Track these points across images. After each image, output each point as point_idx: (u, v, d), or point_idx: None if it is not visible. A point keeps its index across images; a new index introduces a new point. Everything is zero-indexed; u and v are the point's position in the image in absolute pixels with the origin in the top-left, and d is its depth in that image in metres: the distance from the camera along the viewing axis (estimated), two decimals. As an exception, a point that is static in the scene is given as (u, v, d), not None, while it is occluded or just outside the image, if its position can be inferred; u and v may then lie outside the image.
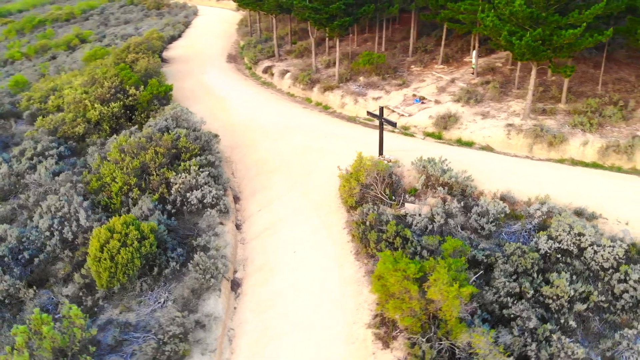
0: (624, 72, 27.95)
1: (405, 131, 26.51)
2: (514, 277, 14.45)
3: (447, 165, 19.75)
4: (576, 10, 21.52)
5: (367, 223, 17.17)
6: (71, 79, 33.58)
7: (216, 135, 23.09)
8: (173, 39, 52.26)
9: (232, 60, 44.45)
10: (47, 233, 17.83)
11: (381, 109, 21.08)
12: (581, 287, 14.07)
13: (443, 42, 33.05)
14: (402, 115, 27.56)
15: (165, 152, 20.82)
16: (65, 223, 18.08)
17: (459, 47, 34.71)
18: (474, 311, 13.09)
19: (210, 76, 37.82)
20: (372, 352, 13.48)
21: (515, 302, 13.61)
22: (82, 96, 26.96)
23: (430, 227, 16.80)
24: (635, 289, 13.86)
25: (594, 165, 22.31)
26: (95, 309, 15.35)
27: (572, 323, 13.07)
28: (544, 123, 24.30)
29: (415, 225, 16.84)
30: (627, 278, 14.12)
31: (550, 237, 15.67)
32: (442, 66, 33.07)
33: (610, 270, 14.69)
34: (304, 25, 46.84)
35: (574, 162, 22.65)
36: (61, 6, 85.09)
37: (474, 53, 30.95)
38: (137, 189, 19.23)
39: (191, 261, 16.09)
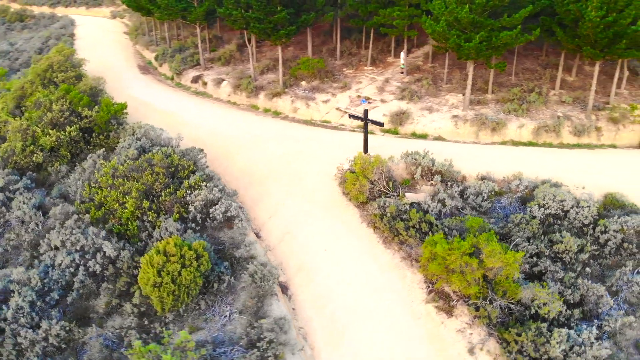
0: (528, 63, 33.28)
1: (362, 129, 28.76)
2: (530, 241, 17.47)
3: (431, 156, 22.41)
4: (505, 14, 25.57)
5: (389, 214, 19.12)
6: (-15, 105, 30.29)
7: (201, 150, 23.14)
8: (67, 52, 48.45)
9: (146, 72, 43.00)
10: (72, 269, 16.96)
11: (365, 111, 23.08)
12: (577, 241, 17.54)
13: (371, 45, 35.94)
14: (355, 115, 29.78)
15: (165, 171, 20.59)
16: (87, 256, 17.33)
17: (380, 49, 37.88)
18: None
19: (138, 90, 36.47)
20: (440, 322, 15.53)
21: (539, 260, 16.62)
22: (28, 123, 24.92)
23: (443, 210, 19.26)
24: (615, 237, 17.65)
25: (530, 144, 26.72)
26: (160, 335, 15.26)
27: (588, 269, 16.44)
28: (482, 112, 28.26)
29: (432, 211, 19.17)
30: (607, 229, 17.87)
31: (540, 206, 19.02)
32: (371, 68, 35.95)
33: (591, 226, 18.41)
34: (215, 32, 46.91)
35: (514, 143, 26.87)
36: None
37: (402, 54, 34.29)
38: (152, 212, 18.93)
39: (245, 272, 16.67)
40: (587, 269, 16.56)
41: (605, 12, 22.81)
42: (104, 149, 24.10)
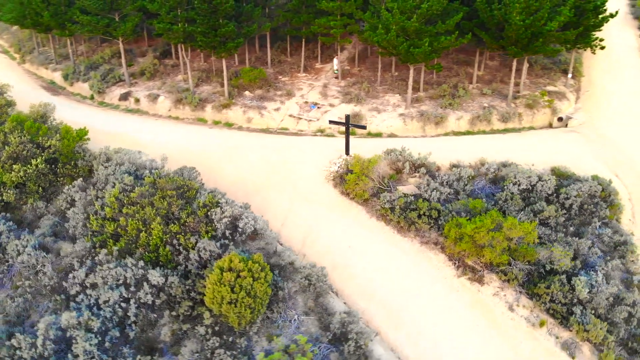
0: (444, 62, 37.69)
1: (323, 133, 30.65)
2: (520, 213, 20.97)
3: (408, 151, 25.11)
4: (439, 21, 29.19)
5: (397, 207, 21.38)
6: None
7: (194, 168, 23.12)
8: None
9: (56, 93, 39.77)
10: (122, 304, 16.50)
11: (347, 117, 25.00)
12: (552, 208, 21.49)
13: (303, 53, 37.71)
14: (311, 120, 31.51)
15: (175, 193, 20.50)
16: (131, 289, 16.96)
17: (306, 56, 39.77)
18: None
19: (63, 114, 33.64)
20: (476, 290, 18.26)
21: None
22: (-18, 159, 22.61)
23: (440, 197, 22.02)
24: (576, 201, 21.93)
25: (468, 133, 30.87)
26: (246, 348, 15.82)
27: (571, 229, 20.37)
28: (422, 109, 31.80)
29: (432, 199, 21.82)
30: (569, 196, 22.11)
31: (513, 183, 22.72)
32: (304, 74, 37.75)
33: (554, 195, 22.55)
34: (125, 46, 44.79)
35: (455, 133, 30.81)
36: None
37: (335, 60, 36.69)
38: (181, 235, 18.90)
39: (297, 276, 17.76)
40: (571, 228, 20.52)
41: (524, 16, 27.42)
42: (81, 179, 22.83)
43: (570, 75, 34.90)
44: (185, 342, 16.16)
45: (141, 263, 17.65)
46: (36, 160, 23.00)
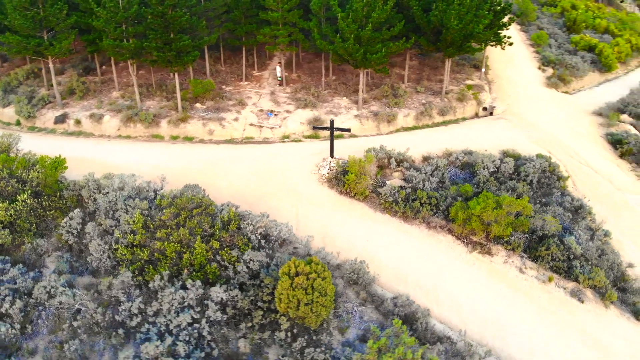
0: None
1: (289, 139, 31.89)
2: (500, 192, 24.54)
3: (386, 149, 27.55)
4: (384, 28, 32.07)
5: (400, 199, 23.72)
6: None
7: (196, 185, 23.12)
8: None
9: (-32, 121, 35.61)
10: (196, 325, 16.68)
11: (331, 121, 26.67)
12: (522, 184, 25.39)
13: (244, 62, 38.26)
14: (273, 127, 32.54)
15: (201, 211, 20.66)
16: (197, 309, 17.18)
17: (241, 65, 40.32)
18: (515, 213, 22.59)
19: None
20: (489, 261, 21.32)
21: (514, 203, 23.80)
22: (-40, 201, 20.47)
23: (431, 186, 24.79)
24: (534, 177, 26.11)
25: (415, 128, 34.29)
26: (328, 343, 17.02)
27: (544, 199, 24.38)
28: (372, 109, 34.53)
29: (426, 189, 24.49)
30: (527, 173, 26.25)
31: (483, 167, 26.31)
32: (246, 83, 38.38)
33: (515, 173, 26.60)
34: (38, 65, 41.23)
35: (405, 129, 34.03)
36: None
37: (278, 67, 37.90)
38: (222, 251, 19.27)
39: (346, 271, 19.28)
40: (543, 199, 24.58)
41: (458, 20, 31.36)
42: (78, 210, 21.69)
43: (483, 70, 40.13)
44: (265, 349, 16.87)
45: (199, 283, 17.83)
46: (23, 196, 21.37)
